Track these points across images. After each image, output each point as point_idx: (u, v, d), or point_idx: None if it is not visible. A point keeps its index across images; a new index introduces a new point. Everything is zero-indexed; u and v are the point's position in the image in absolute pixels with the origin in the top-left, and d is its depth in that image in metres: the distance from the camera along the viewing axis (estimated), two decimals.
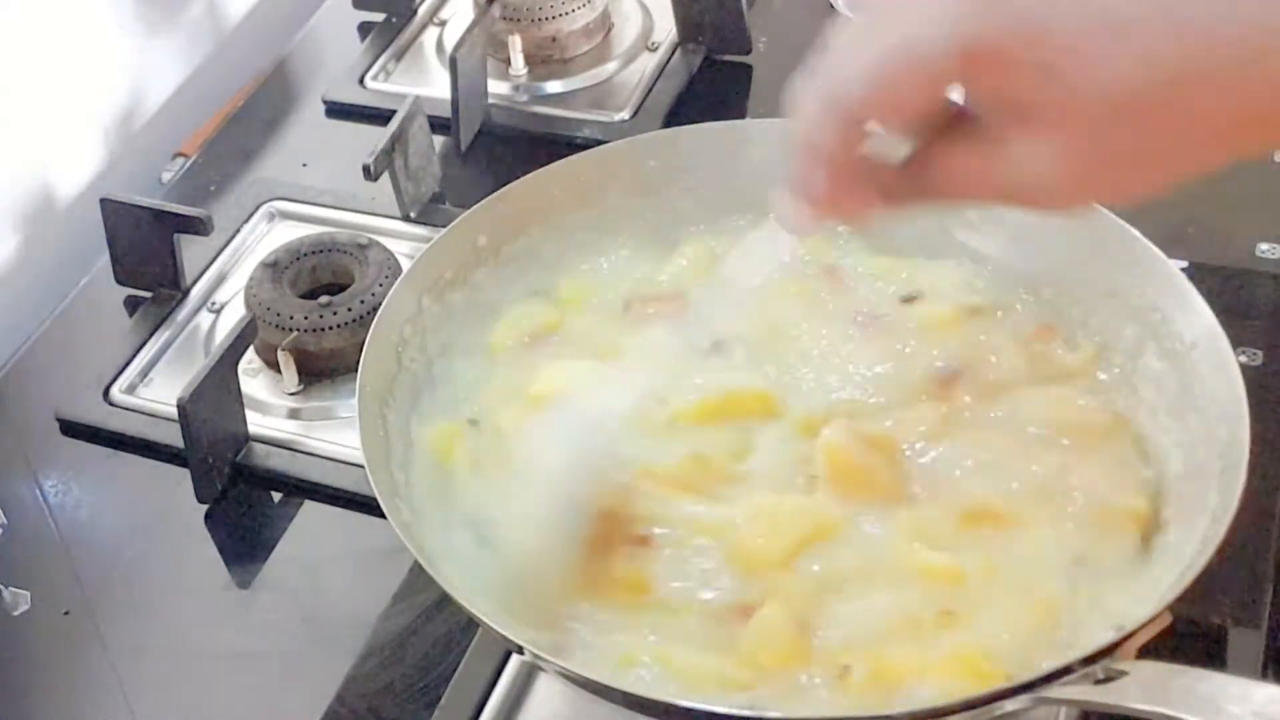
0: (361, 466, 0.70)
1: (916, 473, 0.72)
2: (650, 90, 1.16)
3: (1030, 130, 0.54)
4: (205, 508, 0.90)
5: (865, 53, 0.54)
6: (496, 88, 1.17)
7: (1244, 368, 0.70)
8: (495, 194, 0.82)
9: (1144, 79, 0.51)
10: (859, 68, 0.55)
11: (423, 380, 0.79)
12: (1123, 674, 0.60)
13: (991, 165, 0.55)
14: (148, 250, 1.02)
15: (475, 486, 0.74)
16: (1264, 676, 0.76)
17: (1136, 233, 0.76)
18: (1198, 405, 0.70)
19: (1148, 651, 0.61)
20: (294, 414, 0.94)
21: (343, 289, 0.97)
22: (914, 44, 0.53)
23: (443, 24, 1.25)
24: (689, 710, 0.62)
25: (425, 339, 0.79)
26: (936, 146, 0.57)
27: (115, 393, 0.97)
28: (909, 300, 0.80)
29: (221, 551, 0.89)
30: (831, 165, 0.57)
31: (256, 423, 0.93)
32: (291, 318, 0.95)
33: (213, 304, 1.03)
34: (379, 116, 1.09)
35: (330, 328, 0.95)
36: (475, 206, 0.82)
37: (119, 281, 1.04)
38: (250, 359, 0.96)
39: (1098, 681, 0.60)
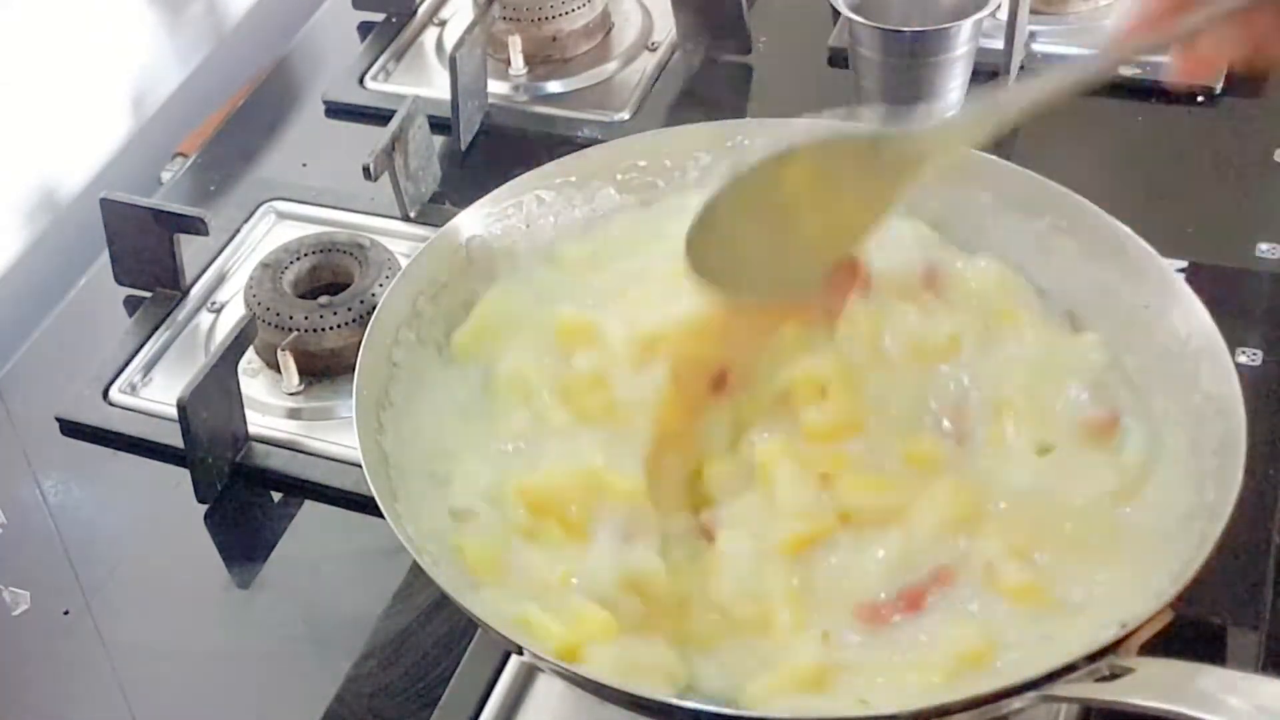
0: (361, 466, 0.70)
1: None
2: (650, 90, 1.16)
3: None
4: (205, 508, 0.90)
5: None
6: (496, 88, 1.17)
7: (1244, 368, 0.70)
8: (488, 195, 0.82)
9: None
10: None
11: None
12: (1129, 670, 0.60)
13: None
14: (147, 250, 1.02)
15: None
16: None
17: (1129, 231, 0.76)
18: (1193, 401, 0.70)
19: (1146, 651, 0.61)
20: (294, 414, 0.94)
21: (343, 289, 0.97)
22: None
23: (443, 24, 1.25)
24: (689, 710, 0.63)
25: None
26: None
27: (115, 393, 0.96)
28: None
29: (221, 551, 0.89)
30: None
31: (256, 422, 0.93)
32: (291, 318, 0.95)
33: (213, 304, 1.03)
34: (379, 116, 1.09)
35: (330, 328, 0.95)
36: (469, 207, 0.82)
37: (119, 281, 1.04)
38: (250, 359, 0.96)
39: (1103, 679, 0.60)
